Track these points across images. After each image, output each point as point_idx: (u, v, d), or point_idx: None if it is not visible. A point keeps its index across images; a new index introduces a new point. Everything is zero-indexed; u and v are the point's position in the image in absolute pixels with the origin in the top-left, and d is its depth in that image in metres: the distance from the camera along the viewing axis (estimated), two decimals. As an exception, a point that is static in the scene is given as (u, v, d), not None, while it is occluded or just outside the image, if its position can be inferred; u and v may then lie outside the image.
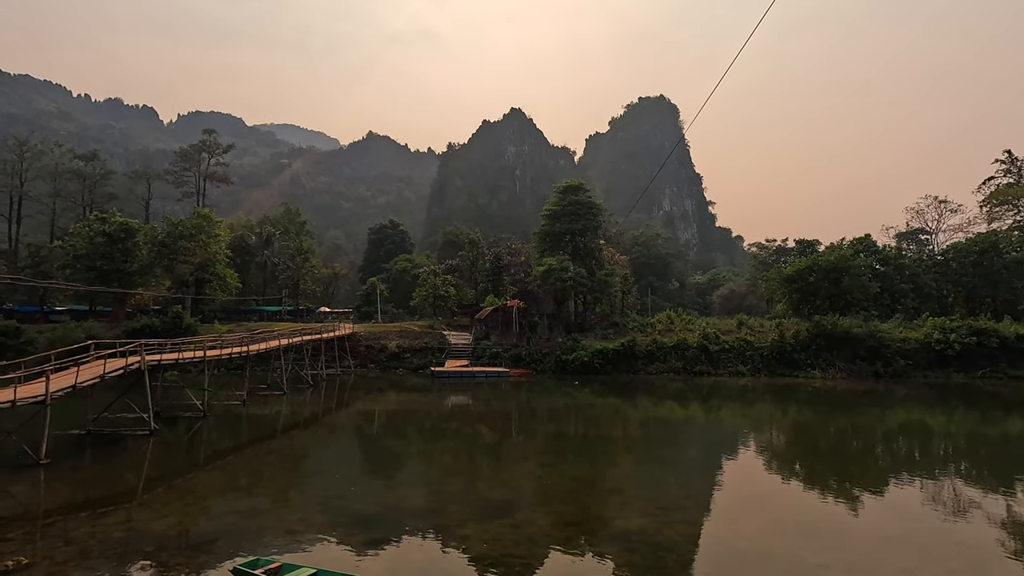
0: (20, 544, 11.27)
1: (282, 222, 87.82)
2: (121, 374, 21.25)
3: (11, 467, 16.68)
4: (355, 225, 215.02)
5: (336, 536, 11.86)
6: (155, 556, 10.59)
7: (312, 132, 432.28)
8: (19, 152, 72.77)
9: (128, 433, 21.88)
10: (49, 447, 17.38)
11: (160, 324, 51.80)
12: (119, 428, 22.37)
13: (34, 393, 17.03)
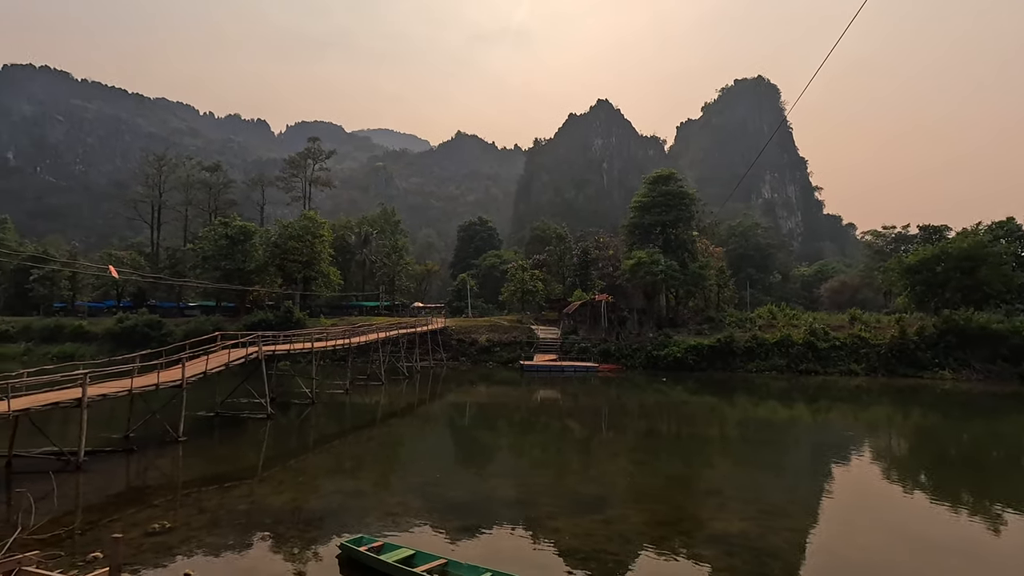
0: (164, 510, 12.79)
1: (379, 222, 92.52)
2: (242, 363, 23.46)
3: (156, 443, 18.95)
4: (445, 223, 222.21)
5: (432, 521, 12.33)
6: (273, 528, 11.58)
7: (405, 135, 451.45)
8: (158, 167, 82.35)
9: (248, 416, 24.09)
10: (185, 426, 19.56)
11: (274, 318, 56.49)
12: (241, 412, 24.69)
13: (173, 378, 19.24)
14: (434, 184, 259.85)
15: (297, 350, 27.95)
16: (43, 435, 15.82)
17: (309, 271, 65.50)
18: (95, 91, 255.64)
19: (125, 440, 18.72)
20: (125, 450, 17.69)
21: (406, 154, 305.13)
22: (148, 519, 11.89)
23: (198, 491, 14.59)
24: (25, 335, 60.47)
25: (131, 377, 17.78)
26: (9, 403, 14.05)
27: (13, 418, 14.59)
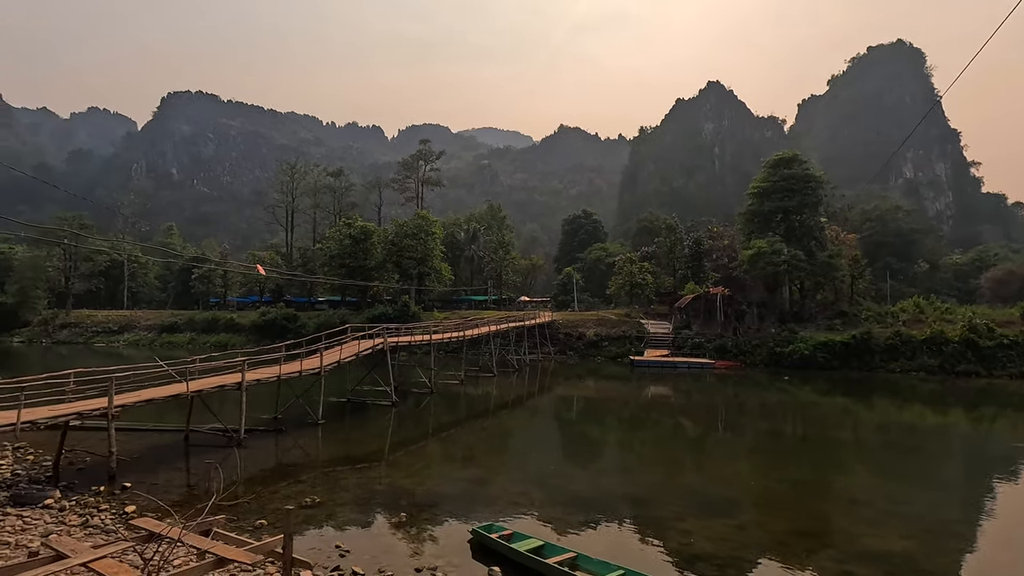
0: (311, 486, 14.06)
1: (485, 218, 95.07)
2: (370, 353, 25.19)
3: (299, 424, 20.92)
4: (549, 217, 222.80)
5: (556, 513, 12.39)
6: (408, 509, 12.29)
7: (508, 132, 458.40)
8: (290, 175, 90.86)
9: (375, 403, 25.82)
10: (322, 411, 21.40)
11: (392, 311, 60.14)
12: (368, 399, 26.53)
13: (312, 366, 21.13)
14: (537, 179, 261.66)
15: (417, 342, 29.49)
16: (211, 413, 18.06)
17: (423, 267, 68.86)
18: (238, 110, 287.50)
19: (274, 420, 20.85)
20: (275, 430, 19.72)
21: (509, 151, 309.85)
22: (300, 493, 13.15)
23: (337, 470, 15.87)
24: (189, 326, 69.63)
25: (279, 364, 19.81)
26: (188, 385, 16.25)
27: (189, 398, 16.82)
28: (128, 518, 10.94)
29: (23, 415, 12.08)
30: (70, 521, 10.54)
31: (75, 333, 71.81)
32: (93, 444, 16.03)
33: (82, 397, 14.48)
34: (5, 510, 10.85)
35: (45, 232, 78.15)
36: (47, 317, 74.51)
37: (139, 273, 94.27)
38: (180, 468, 15.87)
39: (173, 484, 14.08)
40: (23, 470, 14.31)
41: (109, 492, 12.70)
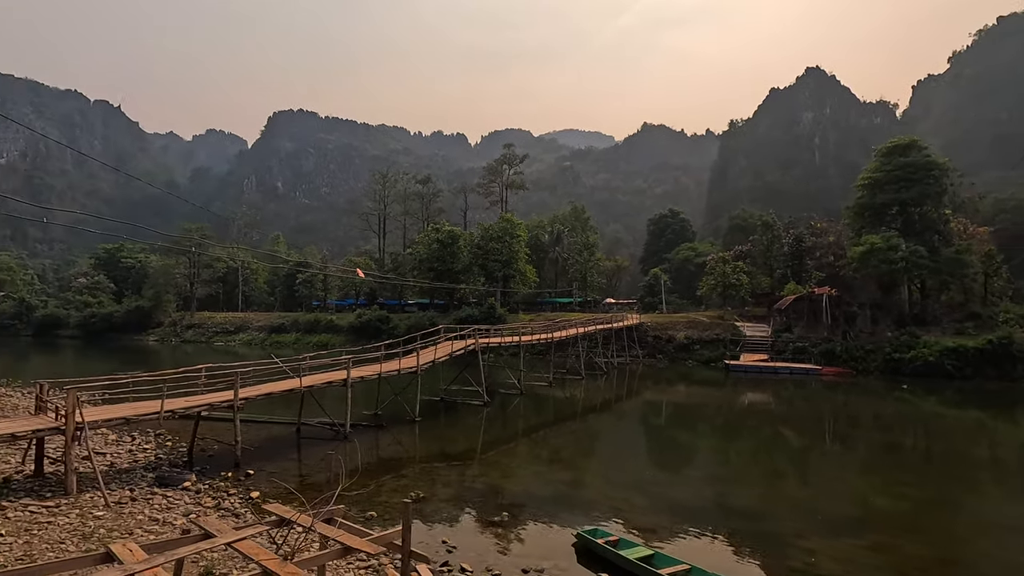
0: (412, 480, 14.51)
1: (569, 220, 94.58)
2: (462, 353, 25.73)
3: (397, 421, 21.72)
4: (633, 218, 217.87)
5: (663, 521, 11.91)
6: (509, 509, 12.33)
7: (589, 133, 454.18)
8: (382, 183, 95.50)
9: (466, 403, 26.29)
10: (420, 408, 22.10)
11: (479, 313, 61.25)
12: (460, 398, 27.10)
13: (409, 365, 21.89)
14: (620, 179, 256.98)
15: (506, 343, 29.74)
16: (320, 408, 19.20)
17: (508, 270, 69.63)
18: (334, 125, 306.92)
19: (375, 417, 21.79)
20: (376, 425, 20.61)
21: (592, 151, 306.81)
22: (404, 487, 13.60)
23: (435, 466, 16.29)
24: (295, 327, 74.93)
25: (379, 363, 20.71)
26: (301, 381, 17.40)
27: (301, 393, 17.96)
28: (253, 502, 11.83)
29: (165, 405, 13.46)
30: (205, 503, 11.56)
31: (198, 333, 79.57)
32: (219, 433, 17.54)
33: (212, 390, 15.91)
34: (153, 490, 12.10)
35: (175, 242, 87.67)
36: (175, 318, 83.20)
37: (251, 278, 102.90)
38: (294, 458, 16.98)
39: (289, 473, 15.08)
40: (164, 454, 15.93)
41: (235, 478, 13.83)
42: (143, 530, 9.53)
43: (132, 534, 9.23)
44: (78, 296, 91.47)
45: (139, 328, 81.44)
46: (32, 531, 8.91)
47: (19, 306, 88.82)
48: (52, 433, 11.37)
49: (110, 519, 9.97)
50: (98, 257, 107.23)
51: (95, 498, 10.98)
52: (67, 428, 11.07)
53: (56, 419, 11.58)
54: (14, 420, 12.26)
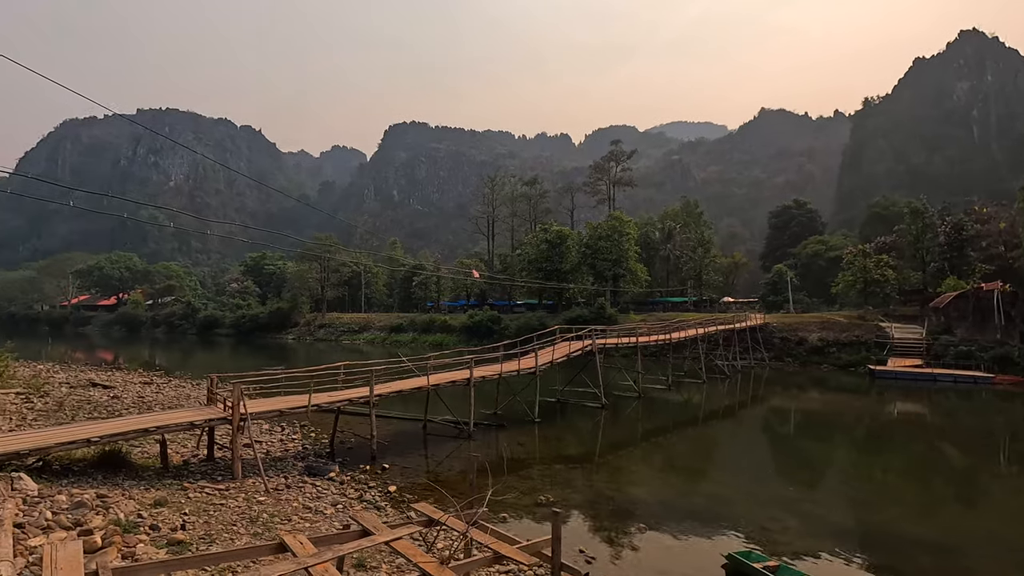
0: (539, 483, 14.33)
1: (680, 216, 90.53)
2: (579, 354, 25.28)
3: (516, 422, 21.75)
4: (750, 211, 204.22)
5: (825, 548, 10.56)
6: (645, 519, 11.71)
7: (699, 124, 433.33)
8: (491, 187, 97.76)
9: (583, 405, 25.77)
10: (539, 409, 21.97)
11: (588, 314, 60.41)
12: (578, 400, 26.64)
13: (528, 365, 21.85)
14: (735, 170, 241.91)
15: (624, 344, 28.79)
16: (444, 406, 19.73)
17: (618, 269, 68.03)
18: (444, 133, 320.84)
19: (494, 416, 22.01)
20: (497, 425, 20.79)
21: (702, 143, 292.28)
22: (532, 490, 13.45)
23: (557, 468, 16.01)
24: (411, 327, 78.96)
25: (500, 363, 20.89)
26: (428, 379, 17.99)
27: (427, 391, 18.54)
28: (391, 496, 12.29)
29: (311, 400, 14.50)
30: (349, 494, 12.22)
31: (328, 332, 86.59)
32: (354, 427, 18.64)
33: (349, 387, 16.92)
34: (303, 478, 13.04)
35: (308, 249, 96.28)
36: (309, 319, 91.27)
37: (372, 282, 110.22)
38: (424, 454, 17.55)
39: (421, 468, 15.59)
40: (308, 445, 17.22)
41: (373, 471, 14.53)
42: (299, 517, 10.22)
43: (290, 520, 9.92)
44: (231, 299, 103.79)
45: (280, 327, 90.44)
46: (209, 511, 9.88)
47: (186, 308, 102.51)
48: (221, 423, 12.66)
49: (270, 504, 10.82)
50: (246, 265, 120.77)
51: (257, 484, 12.02)
52: (233, 418, 12.26)
53: (224, 410, 12.88)
54: (191, 410, 13.84)
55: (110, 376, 32.23)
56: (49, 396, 22.77)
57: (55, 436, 10.70)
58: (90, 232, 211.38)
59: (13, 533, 5.39)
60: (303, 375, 15.25)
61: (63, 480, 10.32)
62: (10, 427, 15.72)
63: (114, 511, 8.71)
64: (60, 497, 8.52)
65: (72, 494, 9.03)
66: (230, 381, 13.11)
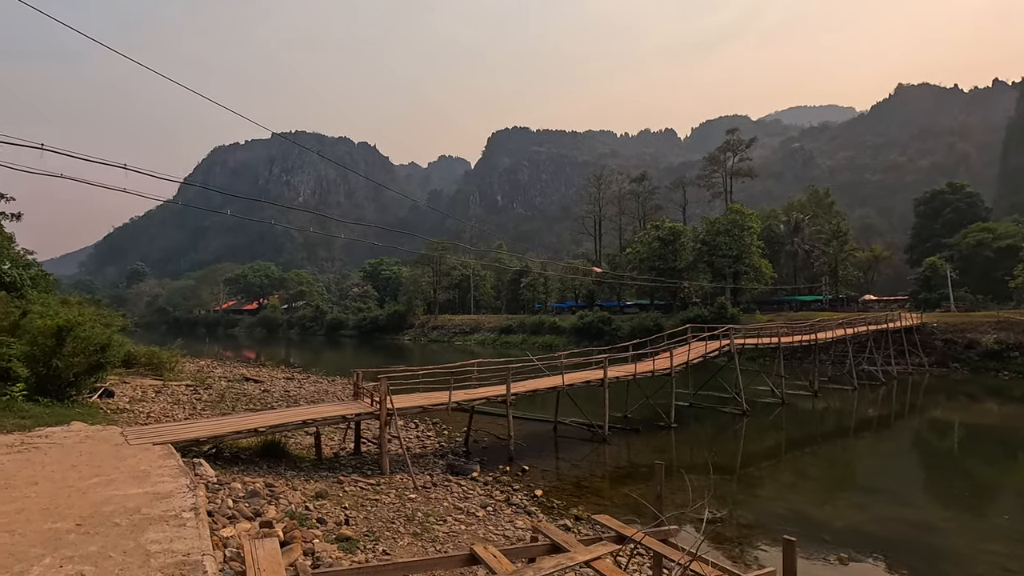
0: (695, 493, 12.92)
1: (808, 207, 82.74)
2: (714, 355, 23.25)
3: (651, 426, 20.34)
4: (887, 199, 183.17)
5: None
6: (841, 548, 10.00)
7: (821, 108, 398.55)
8: (597, 185, 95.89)
9: (720, 410, 23.67)
10: (669, 413, 20.37)
11: (708, 314, 56.78)
12: (714, 405, 24.55)
13: (662, 367, 20.38)
14: (868, 155, 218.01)
15: (765, 344, 26.14)
16: (576, 407, 18.88)
17: (739, 265, 63.40)
18: (545, 137, 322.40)
19: (624, 419, 20.76)
20: (631, 429, 19.53)
21: (827, 128, 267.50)
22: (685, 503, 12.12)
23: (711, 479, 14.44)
24: (521, 328, 79.34)
25: (633, 363, 19.65)
26: (563, 379, 17.26)
27: (559, 391, 17.80)
28: (539, 500, 11.61)
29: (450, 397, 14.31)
30: (496, 496, 11.74)
31: (441, 333, 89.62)
32: (485, 425, 18.36)
33: (482, 385, 16.63)
34: (447, 477, 12.81)
35: (421, 256, 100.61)
36: (423, 321, 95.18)
37: (480, 284, 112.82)
38: (561, 456, 16.75)
39: (560, 471, 14.85)
40: (444, 443, 17.16)
41: (513, 472, 14.01)
42: (452, 518, 9.85)
43: (445, 521, 9.57)
44: (353, 303, 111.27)
45: (396, 329, 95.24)
46: (367, 507, 9.81)
47: (316, 312, 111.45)
48: (368, 417, 12.79)
49: (421, 502, 10.59)
50: (365, 271, 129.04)
51: (405, 480, 11.94)
52: (380, 414, 12.30)
53: (371, 405, 13.01)
54: (341, 404, 14.19)
55: (258, 372, 35.22)
56: (212, 388, 25.11)
57: (228, 425, 11.29)
58: (236, 245, 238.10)
59: (207, 523, 5.27)
60: (442, 372, 15.16)
61: (234, 467, 10.82)
62: (185, 415, 17.27)
63: (284, 500, 8.82)
64: (236, 485, 8.78)
65: (245, 482, 9.31)
66: (377, 377, 13.21)
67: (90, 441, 9.50)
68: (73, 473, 7.27)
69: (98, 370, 15.87)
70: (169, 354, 28.76)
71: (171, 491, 6.40)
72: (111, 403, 17.81)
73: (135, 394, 20.57)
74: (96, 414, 13.79)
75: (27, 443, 9.14)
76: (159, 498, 6.10)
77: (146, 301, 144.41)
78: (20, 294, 27.10)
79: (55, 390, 14.56)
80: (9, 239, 30.92)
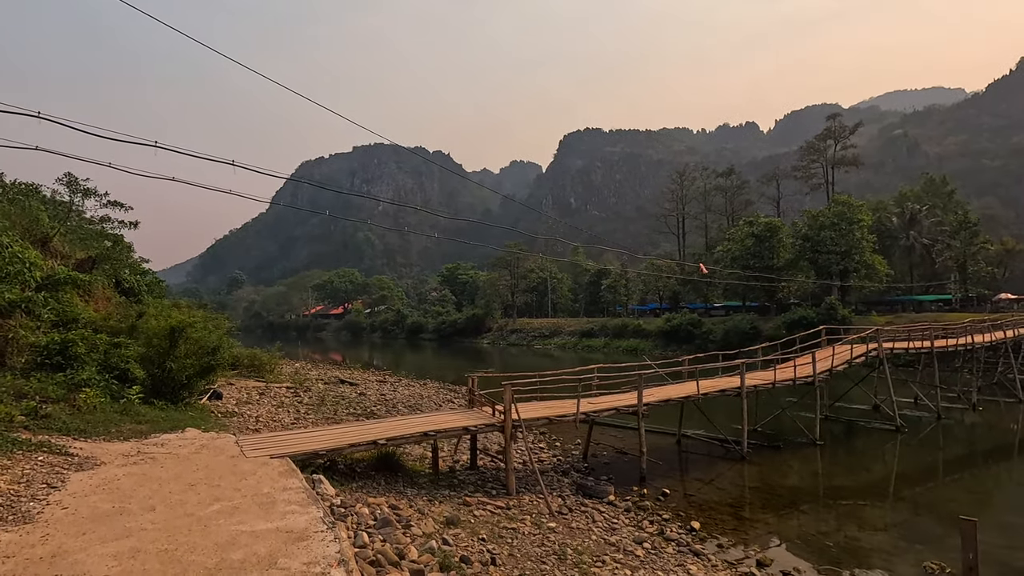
0: (885, 536, 10.45)
1: (923, 196, 74.30)
2: (860, 360, 20.08)
3: (790, 443, 17.58)
4: (1011, 187, 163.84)
5: None
6: None
7: (924, 91, 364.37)
8: (679, 182, 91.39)
9: (870, 426, 20.38)
10: (806, 428, 17.54)
11: (815, 315, 51.77)
12: (853, 418, 21.32)
13: (805, 373, 17.61)
14: (986, 139, 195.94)
15: (915, 349, 22.40)
16: (706, 419, 16.62)
17: (848, 262, 57.53)
18: (618, 137, 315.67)
19: (755, 433, 18.19)
20: (771, 445, 16.93)
21: (934, 111, 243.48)
22: (881, 547, 9.71)
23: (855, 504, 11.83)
24: (603, 332, 76.59)
25: (773, 369, 17.11)
26: (698, 386, 15.09)
27: (683, 401, 15.54)
28: (697, 534, 9.65)
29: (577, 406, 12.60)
30: (646, 527, 9.91)
31: (520, 337, 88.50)
32: (599, 437, 16.52)
33: (604, 393, 14.81)
34: (582, 500, 11.10)
35: (498, 259, 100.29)
36: (501, 324, 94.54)
37: (557, 287, 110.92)
38: (696, 476, 14.57)
39: (705, 495, 12.71)
40: (560, 456, 15.47)
41: (652, 496, 12.06)
42: (609, 557, 8.13)
43: (604, 563, 7.85)
44: (432, 307, 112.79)
45: (475, 332, 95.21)
46: (504, 537, 8.31)
47: (397, 316, 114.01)
48: (491, 429, 11.36)
49: (564, 533, 8.96)
50: (442, 275, 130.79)
51: (535, 502, 10.38)
52: (505, 426, 10.84)
53: (493, 415, 11.56)
54: (458, 414, 12.80)
55: (351, 374, 35.30)
56: (311, 391, 24.96)
57: (345, 436, 10.21)
58: (322, 253, 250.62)
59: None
60: (569, 378, 13.49)
61: (351, 483, 9.72)
62: (291, 419, 16.74)
63: (416, 529, 7.49)
64: (362, 510, 7.55)
65: (370, 505, 8.09)
66: (500, 383, 11.73)
67: (206, 452, 8.65)
68: (192, 495, 6.25)
69: (209, 372, 15.61)
70: (269, 356, 29.14)
71: (305, 528, 5.15)
72: (220, 405, 17.63)
73: (241, 396, 20.52)
74: (208, 418, 13.32)
75: (143, 452, 8.41)
76: (293, 540, 4.85)
77: (244, 307, 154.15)
78: (138, 299, 28.39)
79: (169, 392, 14.33)
80: (128, 248, 32.76)
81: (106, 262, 28.46)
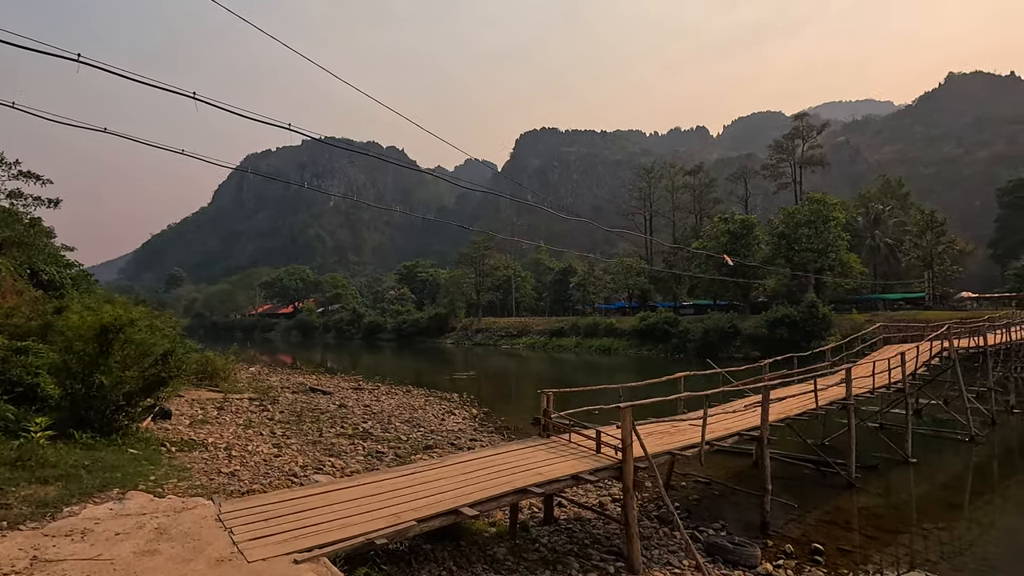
0: None
1: (881, 197, 76.18)
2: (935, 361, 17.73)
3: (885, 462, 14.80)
4: (944, 193, 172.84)
5: None
6: None
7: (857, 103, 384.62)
8: (647, 180, 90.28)
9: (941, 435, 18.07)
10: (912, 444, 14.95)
11: (796, 314, 50.90)
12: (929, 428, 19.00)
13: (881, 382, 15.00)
14: (919, 148, 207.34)
15: (975, 347, 20.34)
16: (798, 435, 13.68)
17: (824, 260, 57.18)
18: (574, 137, 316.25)
19: (820, 447, 15.45)
20: (869, 466, 14.07)
21: (871, 121, 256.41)
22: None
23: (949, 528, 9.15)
24: (573, 331, 73.99)
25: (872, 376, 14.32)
26: (816, 398, 12.04)
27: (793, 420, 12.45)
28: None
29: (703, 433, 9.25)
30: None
31: (486, 336, 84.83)
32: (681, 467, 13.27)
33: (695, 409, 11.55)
34: (724, 572, 7.73)
35: (462, 256, 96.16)
36: (466, 323, 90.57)
37: (521, 285, 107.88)
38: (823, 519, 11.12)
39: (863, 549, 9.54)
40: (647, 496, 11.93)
41: (804, 556, 8.82)
42: None
43: None
44: (390, 306, 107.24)
45: (438, 332, 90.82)
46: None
47: (352, 315, 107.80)
48: (608, 474, 7.76)
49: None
50: (400, 273, 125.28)
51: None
52: (624, 467, 7.36)
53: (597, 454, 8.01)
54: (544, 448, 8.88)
55: (323, 381, 30.85)
56: (279, 403, 20.66)
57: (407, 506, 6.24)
58: (269, 249, 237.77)
59: None
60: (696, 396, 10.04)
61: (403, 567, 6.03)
62: (269, 447, 12.63)
63: None
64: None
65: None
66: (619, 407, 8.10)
67: (166, 548, 4.77)
68: None
69: (157, 387, 11.37)
70: (224, 361, 24.46)
71: None
72: (169, 427, 13.33)
73: (194, 412, 16.13)
74: (158, 458, 9.23)
75: (42, 558, 4.45)
76: None
77: (184, 305, 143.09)
78: (60, 294, 23.05)
79: (98, 418, 10.07)
80: (46, 233, 27.11)
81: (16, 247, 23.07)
